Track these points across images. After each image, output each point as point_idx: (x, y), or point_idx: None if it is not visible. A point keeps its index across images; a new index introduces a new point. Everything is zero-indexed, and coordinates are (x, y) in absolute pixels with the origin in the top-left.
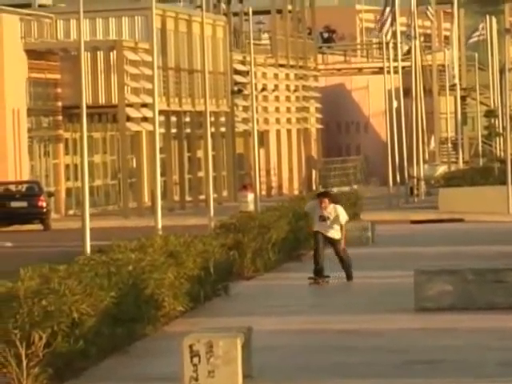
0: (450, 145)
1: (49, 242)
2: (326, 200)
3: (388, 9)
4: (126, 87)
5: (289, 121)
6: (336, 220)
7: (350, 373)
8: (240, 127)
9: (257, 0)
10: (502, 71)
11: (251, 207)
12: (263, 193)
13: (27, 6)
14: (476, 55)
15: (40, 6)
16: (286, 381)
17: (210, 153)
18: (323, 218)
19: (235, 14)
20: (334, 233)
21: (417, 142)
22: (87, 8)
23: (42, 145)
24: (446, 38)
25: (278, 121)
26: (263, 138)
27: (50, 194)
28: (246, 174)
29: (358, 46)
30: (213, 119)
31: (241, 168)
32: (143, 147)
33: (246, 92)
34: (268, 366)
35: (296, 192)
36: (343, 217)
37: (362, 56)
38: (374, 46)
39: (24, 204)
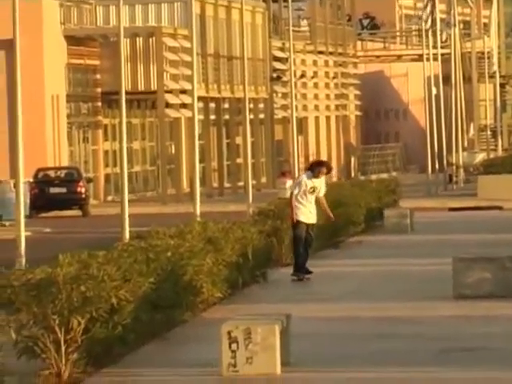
0: (489, 132)
1: (87, 228)
2: (325, 170)
3: None
4: (165, 73)
5: (328, 108)
6: (317, 193)
7: (389, 360)
8: (279, 114)
9: None
10: None
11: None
12: None
13: None
14: None
15: None
16: (325, 368)
17: (249, 139)
18: (313, 190)
19: (274, 1)
20: (314, 217)
21: (456, 130)
22: None
23: (81, 131)
24: (486, 25)
25: (316, 108)
26: (302, 124)
27: (88, 180)
28: (285, 161)
29: (398, 33)
30: (252, 106)
31: (279, 155)
32: (182, 133)
33: (284, 79)
34: (306, 353)
35: (334, 179)
36: (323, 189)
37: (402, 43)
38: (414, 33)
39: (63, 190)
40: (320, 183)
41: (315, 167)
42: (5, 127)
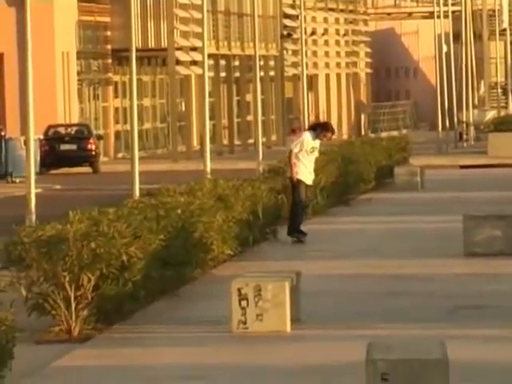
0: (499, 90)
1: (98, 185)
2: (330, 135)
3: None
4: (175, 31)
5: (338, 65)
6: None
7: (400, 317)
8: (289, 71)
9: None
10: None
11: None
12: None
13: None
14: None
15: None
16: (335, 325)
17: (259, 97)
18: (312, 150)
19: None
20: (312, 178)
21: (466, 87)
22: None
23: (91, 88)
24: None
25: (327, 65)
26: (312, 82)
27: (99, 137)
28: (295, 118)
29: None
30: (262, 63)
31: (290, 112)
32: (192, 91)
33: (295, 36)
34: (317, 310)
35: (345, 136)
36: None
37: (412, 0)
38: None
39: (73, 147)
40: (318, 145)
41: (321, 130)
42: (15, 85)
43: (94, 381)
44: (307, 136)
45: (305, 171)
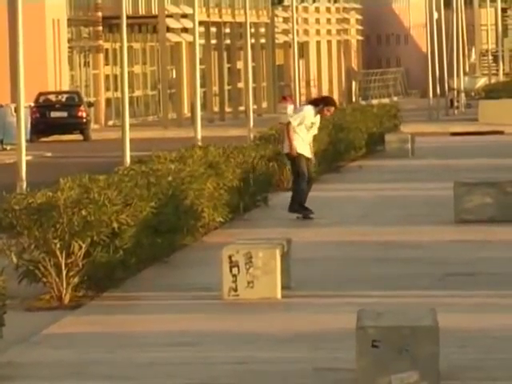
0: (490, 57)
1: (88, 152)
2: (333, 109)
3: None
4: None
5: (329, 32)
6: (313, 130)
7: (391, 285)
8: (280, 38)
9: None
10: None
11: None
12: (303, 104)
13: None
14: None
15: None
16: (325, 292)
17: (250, 64)
18: (311, 125)
19: None
20: (311, 152)
21: (457, 54)
22: None
23: (81, 55)
24: None
25: (318, 32)
26: (303, 49)
27: (89, 105)
28: (286, 86)
29: None
30: (253, 30)
31: (280, 79)
32: (183, 58)
33: (286, 3)
34: (307, 278)
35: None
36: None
37: None
38: None
39: (64, 114)
40: (318, 121)
41: (324, 105)
42: (6, 52)
43: (85, 348)
44: (309, 110)
45: (303, 145)
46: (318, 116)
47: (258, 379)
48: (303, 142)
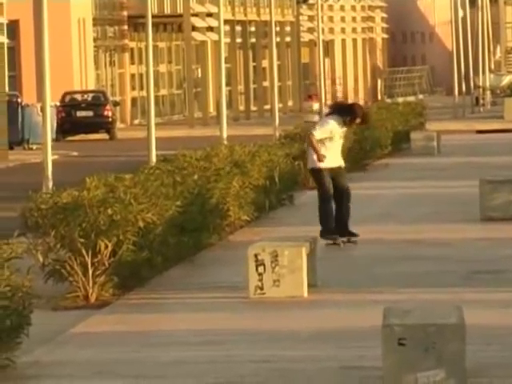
0: None
1: (114, 151)
2: (359, 121)
3: None
4: None
5: (354, 30)
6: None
7: (416, 282)
8: (305, 37)
9: None
10: None
11: (316, 117)
12: (328, 102)
13: None
14: None
15: None
16: (351, 290)
17: (275, 62)
18: (340, 137)
19: None
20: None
21: (482, 52)
22: None
23: (107, 54)
24: None
25: (343, 30)
26: (328, 47)
27: (115, 104)
28: (312, 84)
29: None
30: (278, 29)
31: (306, 78)
32: (208, 57)
33: (311, 1)
34: (333, 276)
35: (361, 102)
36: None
37: None
38: None
39: (90, 113)
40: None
41: (350, 118)
42: (31, 51)
43: (111, 347)
44: (334, 125)
45: (327, 156)
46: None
47: (284, 378)
48: (328, 154)
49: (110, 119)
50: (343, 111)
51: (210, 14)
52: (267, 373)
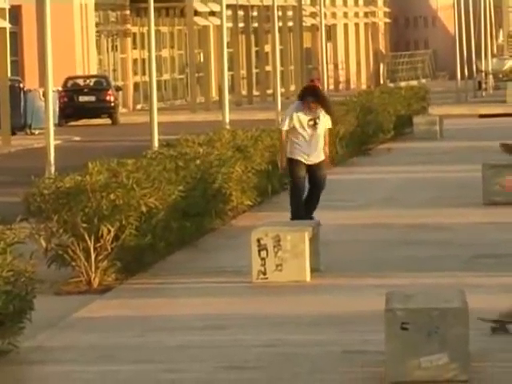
0: None
1: (117, 136)
2: (316, 104)
3: None
4: None
5: (356, 15)
6: (323, 123)
7: (419, 267)
8: (307, 21)
9: None
10: None
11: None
12: (331, 87)
13: None
14: None
15: None
16: (354, 274)
17: (278, 47)
18: (314, 122)
19: None
20: (319, 154)
21: (485, 36)
22: None
23: (109, 39)
24: None
25: (345, 15)
26: (331, 32)
27: (117, 89)
28: (314, 69)
29: None
30: (280, 13)
31: (308, 62)
32: (210, 42)
33: None
34: (336, 260)
35: (364, 86)
36: (328, 121)
37: None
38: None
39: (92, 98)
40: (321, 115)
41: (302, 99)
42: (33, 36)
43: (114, 331)
44: (291, 108)
45: (299, 150)
46: (318, 111)
47: (287, 362)
48: (306, 149)
49: (113, 104)
50: (300, 94)
51: None
52: (270, 357)
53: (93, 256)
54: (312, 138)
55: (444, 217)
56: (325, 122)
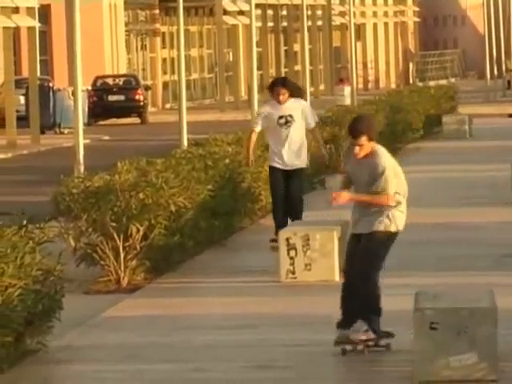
0: None
1: (146, 135)
2: (285, 91)
3: None
4: None
5: (386, 14)
6: (301, 122)
7: (448, 266)
8: (337, 20)
9: None
10: None
11: (348, 101)
12: (360, 86)
13: None
14: None
15: None
16: (383, 274)
17: (307, 46)
18: (285, 120)
19: None
20: (302, 159)
21: None
22: None
23: (138, 38)
24: None
25: (374, 14)
26: (360, 31)
27: (147, 88)
28: (343, 68)
29: None
30: (309, 12)
31: (337, 61)
32: (240, 41)
33: None
34: None
35: (393, 85)
36: (312, 117)
37: None
38: None
39: (121, 97)
40: (297, 109)
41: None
42: (63, 36)
43: (143, 330)
44: (264, 107)
45: (283, 154)
46: (290, 101)
47: (315, 361)
48: (275, 151)
49: (142, 103)
50: (269, 87)
51: None
52: (299, 356)
53: (122, 255)
54: (286, 139)
55: (473, 216)
56: (303, 118)
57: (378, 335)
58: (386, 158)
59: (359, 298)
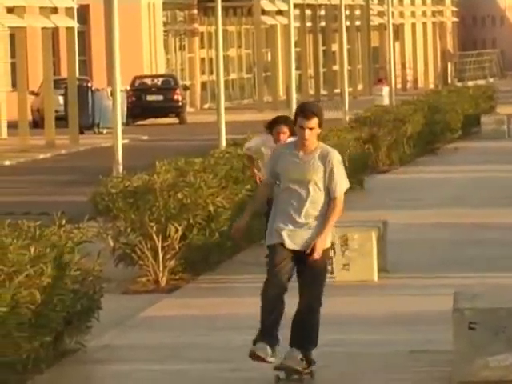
0: None
1: (184, 135)
2: (286, 129)
3: None
4: None
5: (424, 14)
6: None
7: (486, 266)
8: (375, 20)
9: None
10: None
11: (386, 101)
12: (398, 86)
13: None
14: None
15: None
16: (422, 274)
17: (345, 46)
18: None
19: None
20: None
21: None
22: None
23: (177, 38)
24: None
25: (413, 14)
26: (398, 31)
27: (185, 88)
28: (381, 68)
29: None
30: (348, 12)
31: (376, 61)
32: (278, 41)
33: None
34: (403, 260)
35: (431, 86)
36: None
37: None
38: None
39: (160, 98)
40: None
41: (271, 129)
42: (101, 36)
43: (181, 330)
44: (255, 141)
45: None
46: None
47: (352, 361)
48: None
49: (180, 103)
50: (271, 122)
51: None
52: (336, 356)
53: (160, 255)
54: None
55: (510, 217)
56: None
57: (310, 364)
58: (336, 153)
59: (306, 325)
